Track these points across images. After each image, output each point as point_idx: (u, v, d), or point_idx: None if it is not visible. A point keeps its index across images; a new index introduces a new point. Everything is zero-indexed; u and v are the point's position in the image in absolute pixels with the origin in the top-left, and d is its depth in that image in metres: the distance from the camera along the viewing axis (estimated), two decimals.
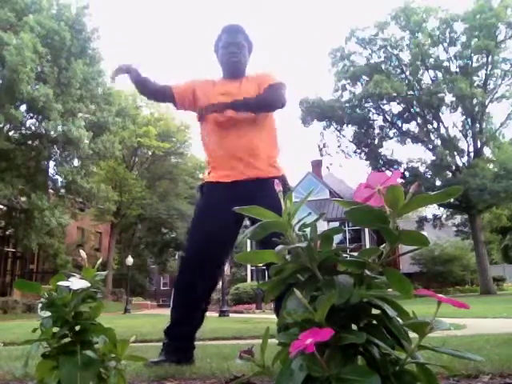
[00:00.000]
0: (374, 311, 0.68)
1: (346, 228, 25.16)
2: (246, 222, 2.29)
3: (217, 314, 13.77)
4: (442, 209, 25.38)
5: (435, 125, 24.52)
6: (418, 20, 22.90)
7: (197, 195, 2.37)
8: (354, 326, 0.67)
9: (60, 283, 0.92)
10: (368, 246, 16.35)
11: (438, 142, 24.04)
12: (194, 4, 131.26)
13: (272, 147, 2.28)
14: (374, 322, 0.68)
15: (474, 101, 22.65)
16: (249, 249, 22.78)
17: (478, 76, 23.61)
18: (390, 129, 26.07)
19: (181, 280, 2.19)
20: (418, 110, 24.38)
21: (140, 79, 2.35)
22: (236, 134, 2.18)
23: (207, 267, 2.14)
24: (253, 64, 2.46)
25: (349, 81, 25.06)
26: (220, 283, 16.13)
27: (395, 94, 22.97)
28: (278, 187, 0.81)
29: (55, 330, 0.91)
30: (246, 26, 2.38)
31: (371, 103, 24.99)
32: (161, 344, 2.20)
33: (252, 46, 2.43)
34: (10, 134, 18.64)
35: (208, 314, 2.30)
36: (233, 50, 2.32)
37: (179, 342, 2.12)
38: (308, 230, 0.75)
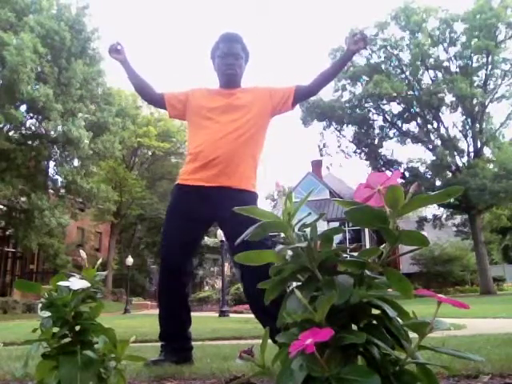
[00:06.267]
0: (374, 311, 0.68)
1: (346, 228, 25.15)
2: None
3: (217, 314, 13.77)
4: (442, 209, 25.39)
5: (435, 125, 24.53)
6: (418, 20, 22.90)
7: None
8: (354, 326, 0.67)
9: (60, 283, 0.92)
10: (368, 246, 16.35)
11: (438, 142, 24.04)
12: (195, 3, 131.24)
13: (255, 155, 2.28)
14: (374, 322, 0.68)
15: (474, 101, 22.65)
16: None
17: (478, 76, 23.61)
18: (390, 129, 26.07)
19: (160, 283, 2.22)
20: (418, 110, 24.38)
21: (136, 75, 2.40)
22: (226, 137, 2.17)
23: (179, 266, 2.17)
24: (253, 65, 2.47)
25: (349, 81, 25.06)
26: (220, 283, 16.14)
27: (395, 94, 22.97)
28: (278, 187, 0.81)
29: (55, 330, 0.91)
30: (246, 25, 2.40)
31: (371, 103, 24.99)
32: (160, 344, 2.21)
33: (249, 55, 2.43)
34: (10, 134, 18.64)
35: (208, 313, 2.31)
36: (230, 62, 2.32)
37: (176, 342, 2.14)
38: (308, 229, 0.75)
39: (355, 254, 0.72)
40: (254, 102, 2.28)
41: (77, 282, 0.92)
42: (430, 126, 24.68)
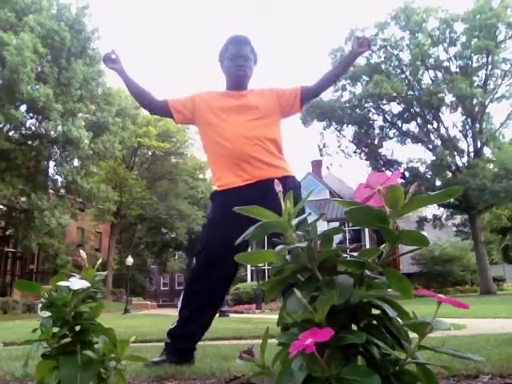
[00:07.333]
0: (374, 311, 0.68)
1: (346, 228, 25.17)
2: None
3: (217, 314, 13.76)
4: (442, 209, 25.40)
5: (435, 125, 24.54)
6: (418, 20, 22.90)
7: (209, 203, 2.35)
8: (354, 326, 0.67)
9: (60, 283, 0.92)
10: (368, 246, 16.36)
11: (438, 142, 24.05)
12: (195, 3, 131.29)
13: (280, 150, 2.28)
14: (374, 322, 0.68)
15: (474, 101, 22.65)
16: (249, 249, 22.74)
17: (478, 76, 23.62)
18: (390, 129, 26.08)
19: (193, 284, 2.16)
20: (418, 110, 24.38)
21: (135, 84, 2.32)
22: (248, 136, 2.17)
23: (219, 273, 2.11)
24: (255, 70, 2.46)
25: (349, 81, 25.07)
26: None
27: (395, 94, 22.98)
28: (278, 187, 0.81)
29: (55, 330, 0.91)
30: (247, 26, 2.38)
31: (371, 103, 25.00)
32: (160, 344, 2.20)
33: (257, 57, 2.43)
34: (10, 134, 18.65)
35: None
36: (240, 63, 2.32)
37: (183, 343, 2.11)
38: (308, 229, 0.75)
39: (355, 253, 0.72)
40: (264, 103, 2.28)
41: (77, 282, 0.92)
42: (430, 126, 24.68)
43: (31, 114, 18.70)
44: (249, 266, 25.98)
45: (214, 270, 2.10)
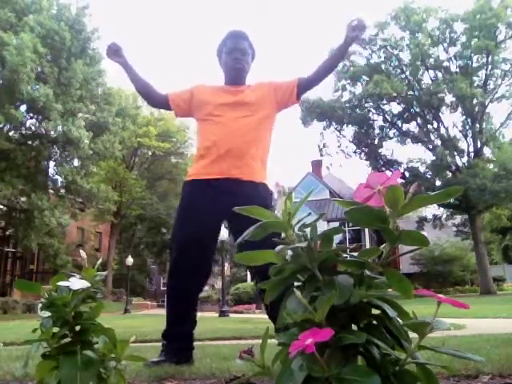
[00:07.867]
0: (374, 311, 0.68)
1: (346, 228, 25.16)
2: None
3: (217, 314, 13.78)
4: (442, 209, 25.38)
5: (435, 125, 24.52)
6: (418, 20, 22.89)
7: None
8: (354, 326, 0.67)
9: (60, 283, 0.92)
10: (368, 246, 16.35)
11: (438, 142, 24.03)
12: (195, 3, 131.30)
13: (265, 152, 2.30)
14: (374, 322, 0.68)
15: (474, 101, 22.64)
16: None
17: (478, 76, 23.61)
18: (390, 129, 26.06)
19: (171, 282, 2.18)
20: (418, 110, 24.37)
21: (138, 78, 2.37)
22: (236, 132, 2.18)
23: (194, 266, 2.13)
24: (253, 66, 2.46)
25: (349, 81, 25.05)
26: (220, 283, 16.17)
27: (395, 94, 22.96)
28: (278, 187, 0.81)
29: (55, 330, 0.91)
30: (245, 24, 2.39)
31: (371, 103, 24.97)
32: (161, 344, 2.20)
33: (255, 53, 2.44)
34: (10, 134, 18.65)
35: (208, 314, 2.31)
36: (237, 56, 2.33)
37: (178, 342, 2.12)
38: (308, 229, 0.75)
39: (355, 253, 0.72)
40: (261, 98, 2.29)
41: (77, 282, 0.92)
42: (430, 126, 24.67)
43: (31, 114, 18.70)
44: None
45: (188, 265, 2.11)
